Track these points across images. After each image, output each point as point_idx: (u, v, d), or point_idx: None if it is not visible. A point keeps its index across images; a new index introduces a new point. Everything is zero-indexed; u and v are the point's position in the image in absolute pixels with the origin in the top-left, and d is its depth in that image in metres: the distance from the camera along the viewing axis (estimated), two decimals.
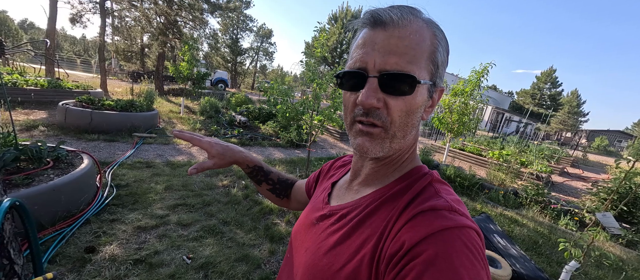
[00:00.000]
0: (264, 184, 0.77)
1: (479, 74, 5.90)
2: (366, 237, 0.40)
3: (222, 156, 0.69)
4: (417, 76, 0.37)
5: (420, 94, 0.39)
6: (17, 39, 36.96)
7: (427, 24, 0.40)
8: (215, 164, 0.68)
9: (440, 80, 0.42)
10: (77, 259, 1.92)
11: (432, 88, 0.41)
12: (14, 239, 1.11)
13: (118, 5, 12.29)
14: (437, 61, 0.40)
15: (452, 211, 0.37)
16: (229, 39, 30.67)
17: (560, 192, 6.80)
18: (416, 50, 0.37)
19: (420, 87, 0.39)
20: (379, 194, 0.45)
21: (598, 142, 26.69)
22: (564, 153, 11.61)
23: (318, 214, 0.52)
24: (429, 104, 0.42)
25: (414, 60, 0.37)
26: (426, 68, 0.39)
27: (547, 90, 42.74)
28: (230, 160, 0.71)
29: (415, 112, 0.40)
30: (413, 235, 0.34)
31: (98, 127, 5.07)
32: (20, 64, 10.91)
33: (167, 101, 10.83)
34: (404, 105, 0.38)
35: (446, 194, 0.40)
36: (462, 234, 0.33)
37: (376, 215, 0.42)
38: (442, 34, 0.41)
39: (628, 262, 3.44)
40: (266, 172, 0.77)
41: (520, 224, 4.05)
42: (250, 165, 0.75)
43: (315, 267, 0.45)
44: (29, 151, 2.41)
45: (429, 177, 0.44)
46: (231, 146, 0.72)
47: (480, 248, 0.34)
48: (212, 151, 0.68)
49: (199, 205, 2.98)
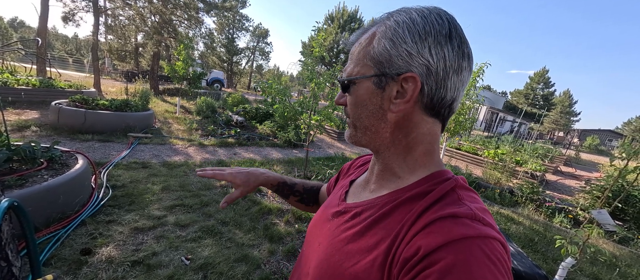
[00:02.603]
0: (291, 196, 0.80)
1: (475, 74, 5.95)
2: (380, 238, 0.40)
3: (247, 183, 0.73)
4: (353, 75, 0.44)
5: (363, 88, 0.44)
6: (7, 38, 36.16)
7: (378, 27, 0.43)
8: (242, 192, 0.73)
9: (391, 68, 0.40)
10: (73, 261, 1.88)
11: (383, 78, 0.41)
12: (12, 240, 1.08)
13: (111, 3, 12.12)
14: (376, 53, 0.41)
15: (476, 220, 0.35)
16: (225, 39, 30.45)
17: (554, 191, 6.91)
18: (357, 56, 0.45)
19: (360, 82, 0.44)
20: (395, 195, 0.44)
21: (590, 141, 27.20)
22: (557, 152, 11.81)
23: (334, 210, 0.53)
24: (392, 95, 0.41)
25: (355, 63, 0.45)
26: (364, 65, 0.43)
27: (540, 90, 43.37)
28: (255, 185, 0.75)
29: (361, 104, 0.44)
30: (430, 242, 0.33)
31: (92, 127, 4.99)
32: (11, 63, 10.68)
33: (162, 101, 10.71)
34: (352, 99, 0.46)
35: (470, 201, 0.39)
36: (484, 244, 0.32)
37: (391, 216, 0.41)
38: (387, 27, 0.41)
39: (621, 258, 3.51)
40: (291, 186, 0.80)
41: (516, 222, 4.10)
42: (274, 184, 0.79)
43: (327, 263, 0.45)
44: (22, 151, 2.35)
45: (452, 183, 0.41)
46: (252, 171, 0.76)
47: (504, 261, 0.32)
48: (236, 181, 0.72)
49: (197, 206, 2.95)
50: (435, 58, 0.38)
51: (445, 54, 0.39)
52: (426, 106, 0.41)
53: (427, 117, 0.42)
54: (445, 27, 0.39)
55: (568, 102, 42.00)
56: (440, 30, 0.39)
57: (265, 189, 3.82)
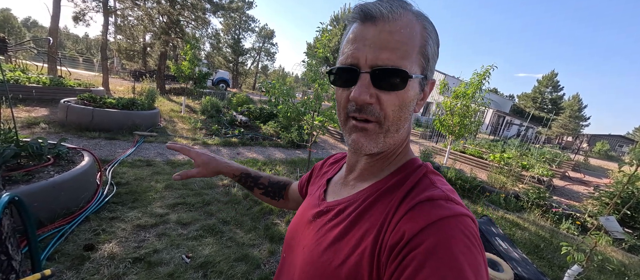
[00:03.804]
0: (255, 189, 0.79)
1: (481, 77, 5.88)
2: (365, 230, 0.40)
3: (206, 165, 0.74)
4: (409, 71, 0.37)
5: (412, 88, 0.40)
6: (20, 37, 37.12)
7: (417, 16, 0.40)
8: (200, 173, 0.73)
9: (431, 73, 0.42)
10: (76, 257, 1.91)
11: (424, 81, 0.42)
12: (12, 234, 1.10)
13: (121, 4, 12.33)
14: (428, 54, 0.40)
15: (448, 200, 0.38)
16: (231, 39, 30.74)
17: (562, 196, 6.77)
18: (407, 44, 0.37)
19: (412, 81, 0.39)
20: (375, 187, 0.45)
21: (599, 147, 26.60)
22: (566, 157, 11.56)
23: (314, 210, 0.52)
24: (420, 97, 0.43)
25: (405, 55, 0.37)
26: (417, 62, 0.39)
27: (549, 94, 42.67)
28: (214, 170, 0.75)
29: (407, 106, 0.40)
30: (413, 226, 0.35)
31: (99, 125, 5.07)
32: (23, 61, 10.95)
33: (168, 100, 10.85)
34: (397, 100, 0.39)
35: (441, 184, 0.42)
36: (459, 222, 0.35)
37: (374, 208, 0.42)
38: (431, 27, 0.41)
39: (630, 267, 3.41)
40: (255, 178, 0.79)
41: (521, 227, 4.02)
42: (236, 173, 0.78)
43: (314, 264, 0.44)
44: (30, 148, 2.40)
45: (423, 169, 0.45)
46: (217, 157, 0.77)
47: (475, 234, 0.35)
48: (197, 160, 0.73)
49: (199, 205, 2.97)
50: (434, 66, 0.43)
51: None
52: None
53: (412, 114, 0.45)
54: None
55: (577, 106, 41.18)
56: (438, 43, 0.44)
57: None
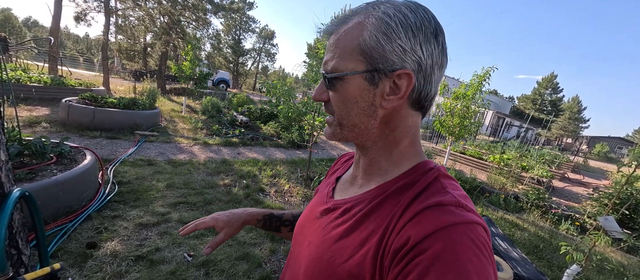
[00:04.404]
0: (283, 228, 0.76)
1: (481, 78, 5.91)
2: (371, 231, 0.40)
3: (229, 224, 0.70)
4: (343, 69, 0.41)
5: (352, 85, 0.41)
6: (21, 37, 37.14)
7: (367, 16, 0.40)
8: (227, 234, 0.69)
9: (386, 64, 0.39)
10: (79, 254, 1.93)
11: (376, 75, 0.40)
12: (22, 229, 1.11)
13: (122, 4, 12.37)
14: (368, 47, 0.39)
15: (459, 207, 0.36)
16: (232, 40, 30.80)
17: (561, 197, 6.79)
18: (343, 48, 0.41)
19: (349, 78, 0.41)
20: (383, 188, 0.44)
21: (599, 149, 26.67)
22: (565, 158, 11.59)
23: (322, 207, 0.52)
24: (385, 91, 0.40)
25: (342, 56, 0.41)
26: (354, 60, 0.40)
27: (548, 95, 42.76)
28: (239, 224, 0.72)
29: (351, 101, 0.42)
30: (419, 231, 0.34)
31: (100, 125, 5.09)
32: (24, 61, 10.97)
33: (169, 100, 10.87)
34: (339, 96, 0.43)
35: (453, 189, 0.40)
36: (469, 229, 0.33)
37: (381, 209, 0.42)
38: (379, 15, 0.39)
39: (629, 267, 3.43)
40: (279, 217, 0.77)
41: (521, 228, 4.04)
42: (259, 218, 0.75)
43: (319, 260, 0.44)
44: (33, 146, 2.42)
45: (435, 172, 0.43)
46: (234, 211, 0.73)
47: (487, 243, 0.34)
48: (218, 226, 0.69)
49: (200, 204, 2.98)
50: (425, 54, 0.39)
51: (432, 51, 0.39)
52: (414, 101, 0.42)
53: (412, 111, 0.43)
54: (432, 24, 0.40)
55: (577, 108, 41.26)
56: (429, 27, 0.39)
57: (267, 189, 3.84)
